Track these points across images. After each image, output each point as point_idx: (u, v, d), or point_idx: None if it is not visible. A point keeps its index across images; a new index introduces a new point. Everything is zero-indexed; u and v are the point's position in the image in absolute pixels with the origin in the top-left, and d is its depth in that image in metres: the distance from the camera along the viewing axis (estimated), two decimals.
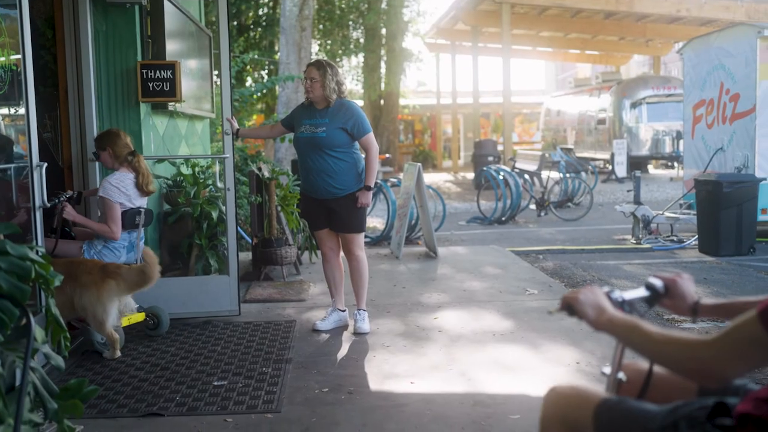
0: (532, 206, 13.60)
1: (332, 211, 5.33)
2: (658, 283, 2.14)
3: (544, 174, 14.62)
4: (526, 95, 38.65)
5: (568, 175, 14.41)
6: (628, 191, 11.96)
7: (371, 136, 5.34)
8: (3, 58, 4.23)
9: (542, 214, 13.23)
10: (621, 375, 2.06)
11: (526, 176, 14.13)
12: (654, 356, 1.81)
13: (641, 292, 2.13)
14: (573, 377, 4.29)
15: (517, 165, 14.92)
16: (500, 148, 20.44)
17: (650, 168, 23.64)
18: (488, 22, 22.43)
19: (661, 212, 10.08)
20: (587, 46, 27.39)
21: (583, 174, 15.71)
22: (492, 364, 4.57)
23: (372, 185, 5.34)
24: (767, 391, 1.68)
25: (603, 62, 30.61)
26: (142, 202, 5.16)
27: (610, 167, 20.97)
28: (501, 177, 12.71)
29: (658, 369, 2.01)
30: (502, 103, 19.92)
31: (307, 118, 5.33)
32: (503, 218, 12.45)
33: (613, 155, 20.62)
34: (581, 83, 26.70)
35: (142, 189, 5.11)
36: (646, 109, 21.03)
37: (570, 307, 1.99)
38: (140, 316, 5.18)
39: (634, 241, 9.87)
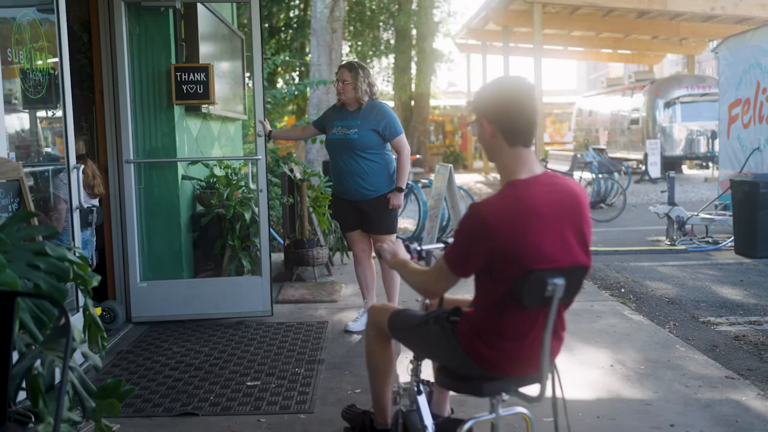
0: None
1: (364, 213, 5.34)
2: (451, 240, 2.77)
3: (576, 174, 14.49)
4: (558, 95, 38.42)
5: (600, 175, 14.27)
6: (662, 192, 11.82)
7: (403, 137, 5.34)
8: (41, 62, 4.30)
9: None
10: (427, 301, 3.09)
11: None
12: (410, 283, 2.83)
13: (439, 245, 3.03)
14: (608, 380, 4.25)
15: (549, 165, 14.78)
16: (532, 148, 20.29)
17: (684, 168, 23.31)
18: (519, 21, 22.29)
19: (696, 213, 9.94)
20: (619, 45, 27.09)
21: (615, 174, 15.53)
22: None
23: (404, 187, 5.34)
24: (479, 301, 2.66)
25: (635, 61, 30.26)
26: (94, 202, 5.28)
27: (644, 168, 20.73)
28: None
29: (448, 295, 2.99)
30: None
31: (338, 119, 5.34)
32: None
33: (646, 155, 20.37)
34: (614, 83, 26.42)
35: (90, 192, 5.25)
36: (680, 108, 20.74)
37: (379, 254, 2.97)
38: (97, 311, 5.27)
39: (669, 243, 9.74)
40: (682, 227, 9.75)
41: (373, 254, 5.58)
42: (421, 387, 3.07)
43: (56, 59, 4.39)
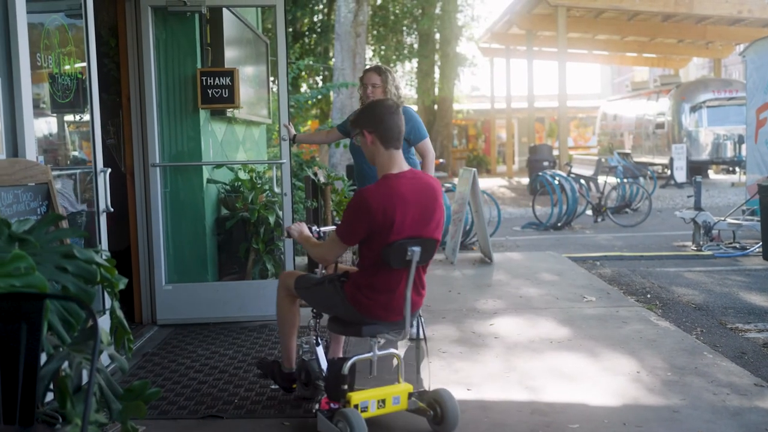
0: (589, 212, 13.41)
1: None
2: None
3: (601, 179, 14.40)
4: (582, 99, 38.15)
5: (625, 180, 14.17)
6: (688, 197, 11.70)
7: (428, 141, 5.32)
8: (68, 67, 4.35)
9: (599, 219, 13.03)
10: (323, 271, 3.97)
11: (582, 181, 13.93)
12: (311, 254, 3.81)
13: (332, 227, 3.84)
14: (634, 386, 4.21)
15: (574, 170, 14.70)
16: (555, 153, 20.21)
17: (710, 173, 23.10)
18: (543, 25, 22.22)
19: (723, 218, 9.83)
20: (645, 49, 26.93)
21: (641, 179, 15.42)
22: (550, 372, 4.51)
23: None
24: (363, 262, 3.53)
25: (661, 65, 30.06)
26: (82, 207, 5.31)
27: (669, 172, 20.56)
28: (557, 182, 12.57)
29: (341, 265, 3.84)
30: (557, 107, 19.71)
31: None
32: (559, 224, 12.30)
33: (672, 160, 20.21)
34: (639, 87, 26.25)
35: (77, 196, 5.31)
36: (706, 112, 20.55)
37: (288, 233, 3.83)
38: None
39: (695, 248, 9.64)
40: (709, 232, 9.64)
41: None
42: (319, 340, 3.92)
43: (84, 64, 4.43)
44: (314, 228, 3.92)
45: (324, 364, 3.83)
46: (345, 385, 3.53)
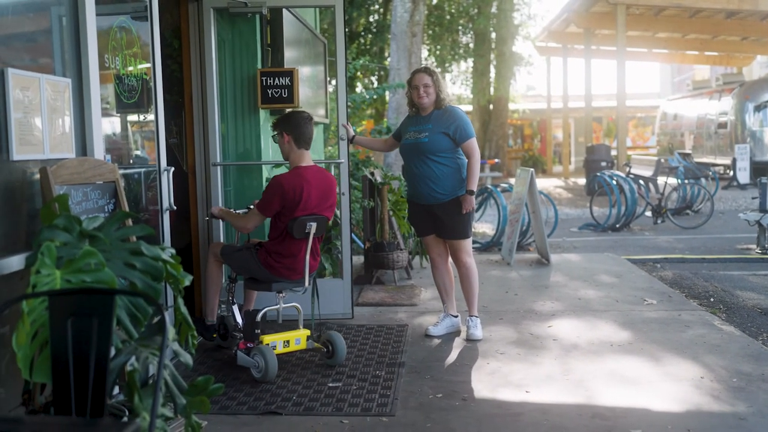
0: (648, 213, 13.15)
1: (437, 217, 5.31)
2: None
3: (661, 180, 14.10)
4: (640, 98, 37.45)
5: (686, 181, 13.86)
6: (753, 198, 11.39)
7: (473, 141, 5.28)
8: (131, 68, 4.44)
9: (659, 221, 12.76)
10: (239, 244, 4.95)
11: (642, 182, 13.67)
12: (234, 224, 4.84)
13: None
14: (698, 392, 4.11)
15: (633, 170, 14.42)
16: (613, 153, 19.88)
17: None
18: (601, 24, 21.87)
19: None
20: (706, 47, 26.28)
21: (702, 180, 15.05)
22: (610, 375, 4.44)
23: (474, 189, 5.26)
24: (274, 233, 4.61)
25: (723, 63, 29.29)
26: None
27: (732, 173, 20.03)
28: (615, 182, 12.36)
29: (254, 239, 4.90)
30: (615, 106, 19.38)
31: (412, 125, 5.36)
32: (617, 225, 12.09)
33: (734, 161, 19.69)
34: (700, 86, 25.64)
35: None
36: None
37: (212, 215, 4.95)
38: None
39: (760, 251, 9.38)
40: None
41: (450, 260, 5.56)
42: (234, 299, 4.97)
43: (148, 65, 4.52)
44: (234, 211, 4.95)
45: (239, 319, 4.89)
46: (258, 330, 4.52)
